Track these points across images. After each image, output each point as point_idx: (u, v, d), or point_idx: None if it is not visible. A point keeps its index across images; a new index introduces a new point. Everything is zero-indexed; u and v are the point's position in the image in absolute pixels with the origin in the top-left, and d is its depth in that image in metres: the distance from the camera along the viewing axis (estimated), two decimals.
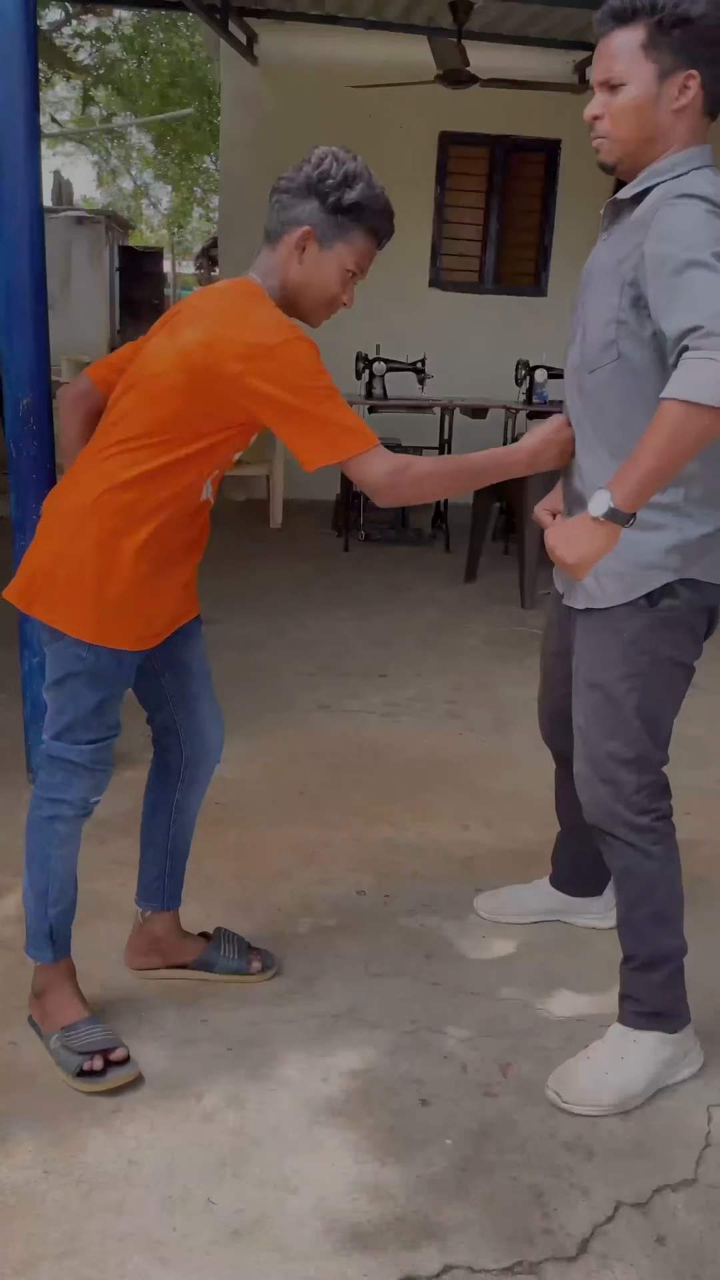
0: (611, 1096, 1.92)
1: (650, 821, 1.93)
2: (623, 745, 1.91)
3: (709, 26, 1.69)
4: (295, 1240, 1.63)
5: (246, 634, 4.50)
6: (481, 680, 4.18)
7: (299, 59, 6.90)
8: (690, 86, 1.71)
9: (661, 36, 1.69)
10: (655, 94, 1.72)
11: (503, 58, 6.60)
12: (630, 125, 1.75)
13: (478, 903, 2.54)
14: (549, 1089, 1.95)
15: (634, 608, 1.85)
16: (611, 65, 1.74)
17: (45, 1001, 2.02)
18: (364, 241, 1.83)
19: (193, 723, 2.12)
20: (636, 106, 1.73)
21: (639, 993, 1.99)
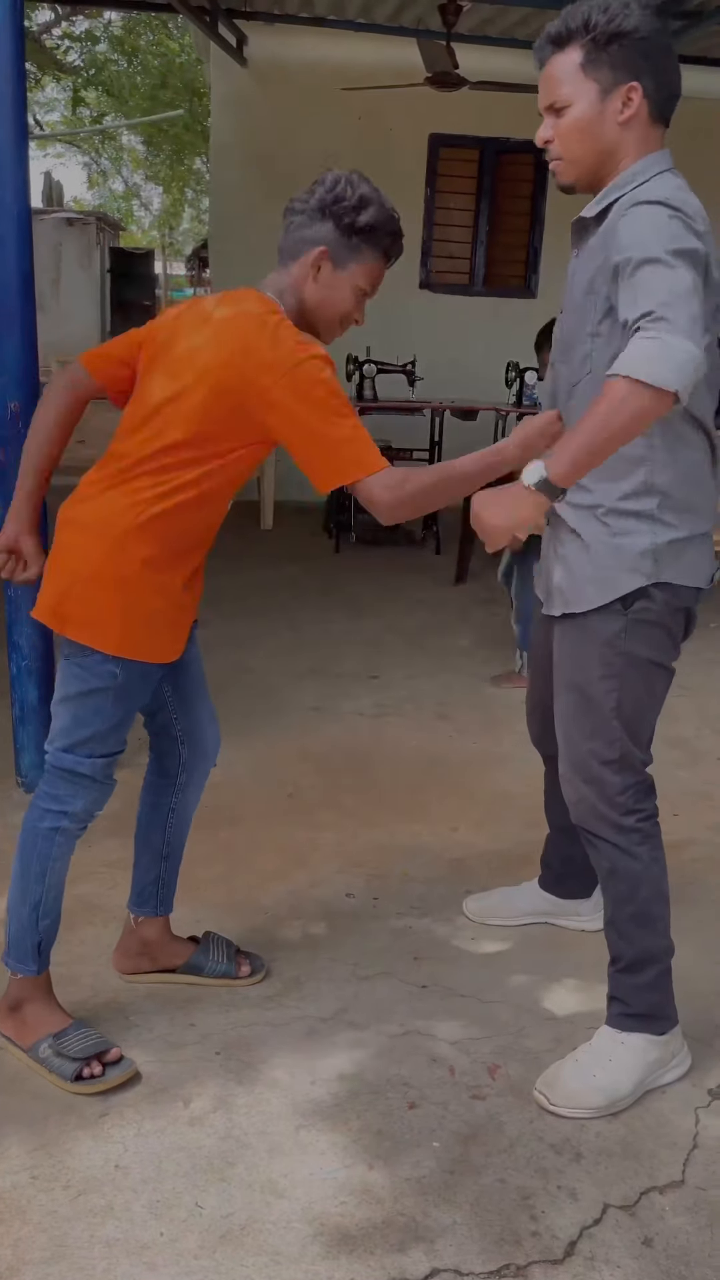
0: (599, 1099, 1.92)
1: (635, 822, 1.94)
2: (604, 746, 1.92)
3: (644, 38, 1.72)
4: (283, 1244, 1.63)
5: (238, 635, 4.50)
6: (472, 682, 4.18)
7: (289, 61, 6.90)
8: (633, 99, 1.75)
9: (599, 53, 1.73)
10: (600, 110, 1.76)
11: (492, 60, 6.61)
12: (580, 143, 1.78)
13: (466, 905, 2.54)
14: (537, 1091, 1.95)
15: (609, 611, 1.86)
16: (555, 89, 1.78)
17: (24, 1013, 2.00)
18: (376, 261, 1.89)
19: (191, 724, 2.12)
20: (583, 125, 1.77)
21: (626, 994, 2.00)
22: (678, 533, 1.83)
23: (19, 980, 2.00)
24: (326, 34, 6.70)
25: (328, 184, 1.86)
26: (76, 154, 24.45)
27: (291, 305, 1.87)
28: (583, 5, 1.74)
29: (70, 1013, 2.03)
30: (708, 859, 2.86)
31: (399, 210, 1.92)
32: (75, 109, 18.70)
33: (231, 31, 6.64)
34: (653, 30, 1.73)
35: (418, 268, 7.38)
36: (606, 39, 1.72)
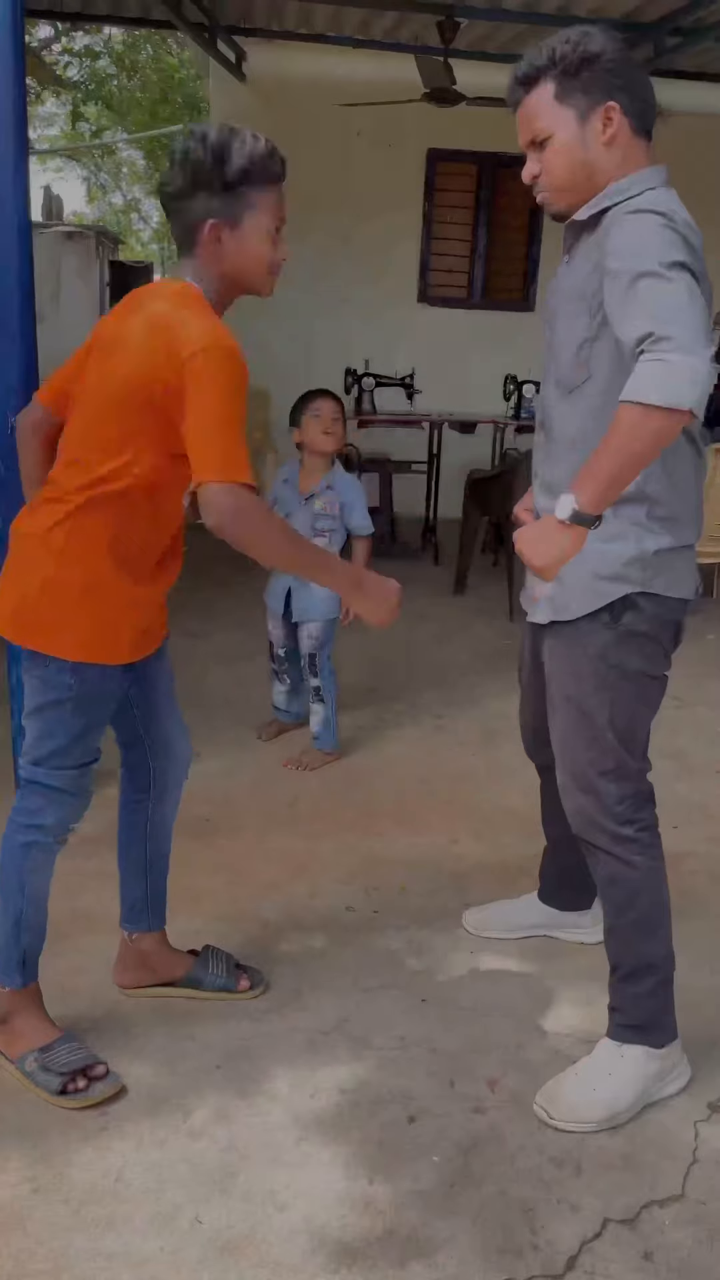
0: (599, 1113, 1.92)
1: (633, 832, 1.95)
2: (600, 756, 1.94)
3: (612, 59, 1.76)
4: (284, 1256, 1.62)
5: (234, 647, 4.50)
6: (470, 694, 4.18)
7: (287, 77, 6.94)
8: (613, 117, 1.77)
9: (571, 82, 1.76)
10: (581, 134, 1.78)
11: (489, 76, 6.62)
12: (568, 169, 1.80)
13: (465, 918, 2.54)
14: (537, 1105, 1.95)
15: (599, 623, 1.88)
16: (533, 123, 1.81)
17: (12, 1025, 2.00)
18: (268, 195, 1.80)
19: (159, 737, 2.11)
20: (568, 150, 1.79)
21: (625, 1004, 2.00)
22: (665, 542, 1.84)
23: (5, 993, 2.00)
24: (325, 50, 6.75)
25: (179, 156, 1.78)
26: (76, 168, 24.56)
27: (212, 284, 1.82)
28: (544, 43, 1.78)
29: (63, 1026, 2.03)
30: (705, 871, 2.87)
31: (398, 225, 1.92)
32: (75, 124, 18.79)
33: (231, 48, 6.68)
34: (617, 50, 1.77)
35: (416, 281, 7.41)
36: (576, 67, 1.75)
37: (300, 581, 3.44)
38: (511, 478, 5.16)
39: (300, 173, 7.63)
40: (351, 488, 3.44)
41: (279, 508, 3.48)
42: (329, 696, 3.48)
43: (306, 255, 7.08)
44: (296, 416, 3.44)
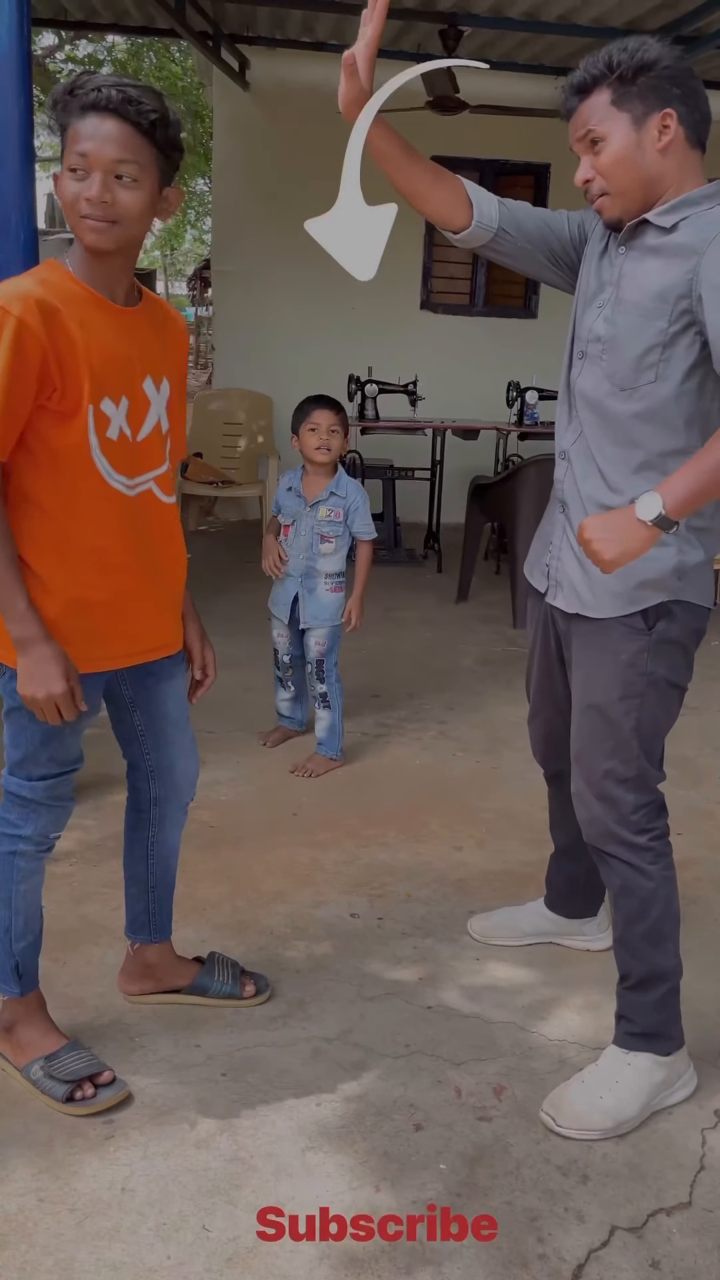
0: (606, 1121, 1.92)
1: (648, 841, 1.95)
2: (621, 765, 1.93)
3: (669, 66, 1.74)
4: (290, 1266, 1.62)
5: (239, 654, 4.50)
6: (474, 700, 4.18)
7: (290, 84, 6.96)
8: (669, 124, 1.75)
9: (627, 88, 1.74)
10: (636, 140, 1.76)
11: (492, 83, 6.67)
12: (623, 175, 1.78)
13: (471, 925, 2.54)
14: (543, 1113, 1.95)
15: (632, 629, 1.87)
16: (588, 125, 1.78)
17: (17, 1034, 2.00)
18: (74, 128, 1.65)
19: (161, 758, 2.07)
20: (623, 155, 1.77)
21: (633, 1013, 2.00)
22: (700, 554, 1.86)
23: (6, 1002, 2.00)
24: (328, 58, 6.76)
25: None
26: None
27: (77, 249, 1.74)
28: (600, 52, 1.76)
29: (70, 1034, 2.03)
30: (711, 879, 2.86)
31: (400, 233, 1.89)
32: None
33: (234, 56, 6.71)
34: (675, 59, 1.75)
35: (419, 288, 7.43)
36: (633, 73, 1.73)
37: (307, 588, 3.44)
38: (514, 484, 5.16)
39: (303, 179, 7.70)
40: (356, 493, 3.44)
41: (283, 515, 3.48)
42: (335, 703, 3.49)
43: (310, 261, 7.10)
44: (295, 425, 3.44)
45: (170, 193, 1.75)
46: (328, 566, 3.43)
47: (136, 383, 1.80)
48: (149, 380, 1.83)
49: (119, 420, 1.78)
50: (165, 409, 1.89)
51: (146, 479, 1.86)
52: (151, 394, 1.84)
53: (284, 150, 6.91)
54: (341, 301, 7.18)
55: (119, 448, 1.79)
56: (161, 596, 1.94)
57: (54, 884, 2.64)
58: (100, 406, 1.74)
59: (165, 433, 1.90)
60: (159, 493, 1.89)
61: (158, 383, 1.86)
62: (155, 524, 1.89)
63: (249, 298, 7.29)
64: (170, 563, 1.95)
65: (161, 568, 1.93)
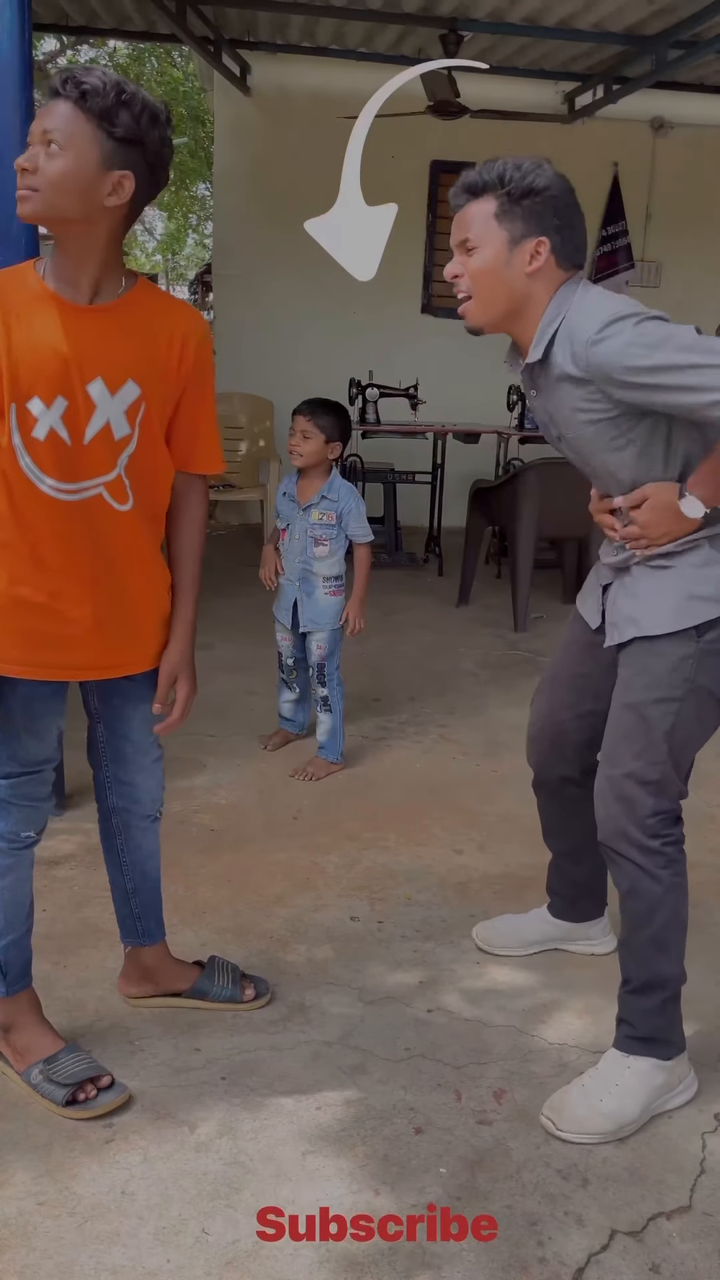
0: (606, 1124, 1.92)
1: (660, 845, 1.95)
2: (647, 766, 1.94)
3: (554, 196, 1.83)
4: (290, 1270, 1.62)
5: (240, 658, 4.51)
6: (474, 704, 4.19)
7: (291, 89, 6.98)
8: (541, 252, 1.84)
9: (512, 206, 1.83)
10: (507, 258, 1.85)
11: (492, 88, 6.68)
12: (489, 287, 1.88)
13: (476, 933, 2.53)
14: (544, 1116, 1.95)
15: (682, 636, 1.90)
16: (467, 229, 1.88)
17: (14, 1037, 2.00)
18: None
19: (121, 773, 2.05)
20: (491, 269, 1.86)
21: (634, 1017, 2.00)
22: None
23: (1, 1001, 2.00)
24: (329, 63, 6.78)
25: None
26: None
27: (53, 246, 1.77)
28: (499, 161, 1.85)
29: (70, 1038, 2.03)
30: (712, 882, 2.86)
31: (401, 237, 1.92)
32: None
33: (235, 61, 6.72)
34: (562, 189, 1.84)
35: (420, 292, 7.44)
36: (521, 193, 1.82)
37: (305, 592, 3.44)
38: (515, 488, 5.17)
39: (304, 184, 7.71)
40: (349, 496, 3.43)
41: (280, 520, 3.49)
42: (336, 706, 3.49)
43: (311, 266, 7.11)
44: None
45: (120, 176, 1.66)
46: (324, 570, 3.44)
47: (78, 384, 1.71)
48: (99, 382, 1.73)
49: (50, 421, 1.71)
50: (126, 413, 1.76)
51: (92, 485, 1.77)
52: (101, 397, 1.73)
53: (285, 155, 6.92)
54: (342, 305, 7.20)
55: (48, 449, 1.72)
56: (109, 609, 1.85)
57: (54, 887, 2.65)
58: (27, 406, 1.69)
59: (120, 438, 1.77)
60: (110, 500, 1.79)
61: (114, 385, 1.74)
62: (104, 532, 1.80)
63: (250, 302, 7.30)
64: (126, 575, 1.86)
65: (110, 579, 1.84)
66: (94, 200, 1.66)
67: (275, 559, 3.48)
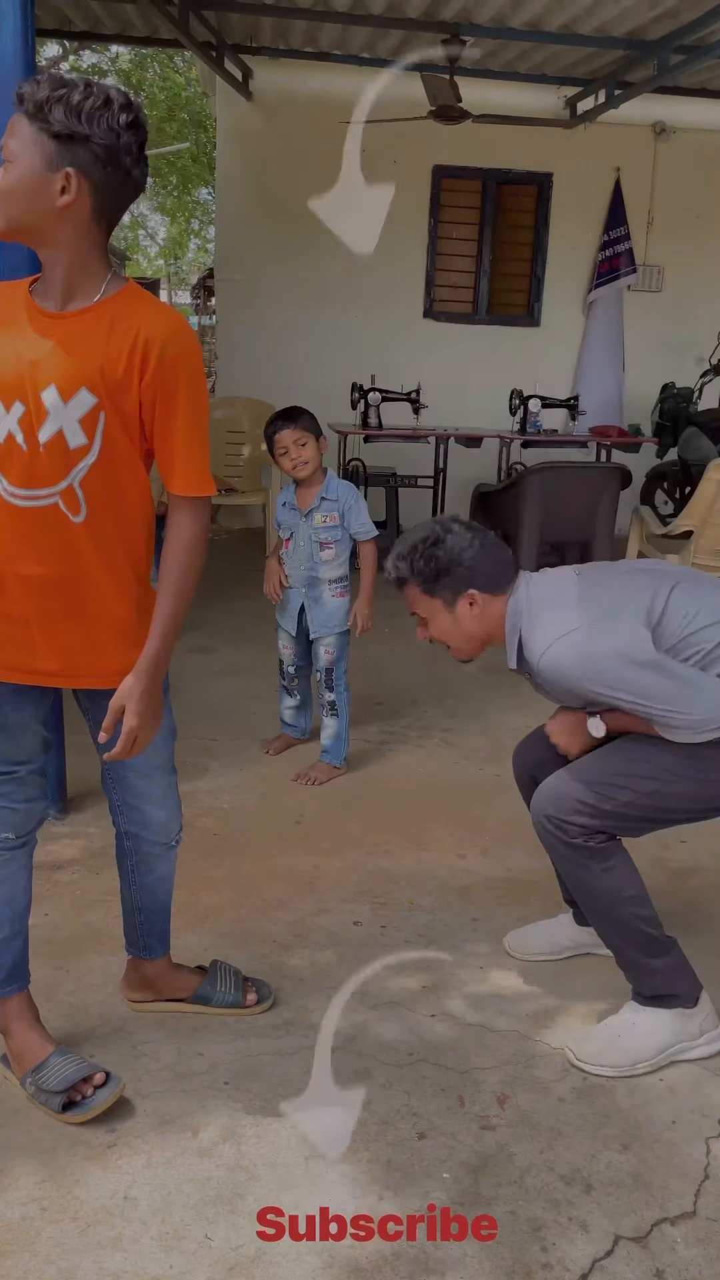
0: (621, 1059, 2.07)
1: (583, 842, 2.04)
2: (603, 796, 2.01)
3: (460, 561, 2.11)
4: (293, 1276, 1.61)
5: (242, 662, 4.51)
6: (476, 708, 4.18)
7: (293, 94, 6.99)
8: (475, 601, 2.14)
9: (431, 585, 2.13)
10: (453, 617, 2.16)
11: (494, 93, 6.70)
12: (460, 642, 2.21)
13: (507, 941, 2.50)
14: (566, 1049, 2.12)
15: None
16: (414, 608, 2.20)
17: (10, 1043, 2.00)
18: None
19: (128, 798, 2.03)
20: (450, 632, 2.20)
21: (635, 982, 2.14)
22: None
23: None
24: (331, 68, 6.80)
25: None
26: None
27: None
28: (403, 555, 2.14)
29: (72, 1043, 2.03)
30: (714, 886, 2.86)
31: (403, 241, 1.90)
32: None
33: (237, 66, 6.73)
34: (467, 547, 2.10)
35: (422, 296, 7.44)
36: (433, 575, 2.10)
37: (312, 598, 3.44)
38: (517, 492, 5.17)
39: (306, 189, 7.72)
40: (348, 493, 3.43)
41: (282, 529, 3.49)
42: (342, 711, 3.49)
43: (313, 270, 7.12)
44: (269, 450, 3.42)
45: (66, 173, 1.61)
46: (330, 573, 3.44)
47: (31, 390, 1.68)
48: (51, 389, 1.68)
49: (8, 425, 1.69)
50: (81, 421, 1.70)
51: (47, 493, 1.73)
52: (53, 404, 1.68)
53: (287, 160, 6.93)
54: (345, 309, 7.21)
55: (5, 453, 1.71)
56: (63, 618, 1.81)
57: (57, 891, 2.64)
58: None
59: (75, 448, 1.71)
60: (65, 509, 1.74)
61: (66, 393, 1.68)
62: (62, 542, 1.76)
63: (252, 306, 7.31)
64: (82, 586, 1.80)
65: (66, 588, 1.79)
66: (45, 204, 1.63)
67: (279, 571, 3.47)
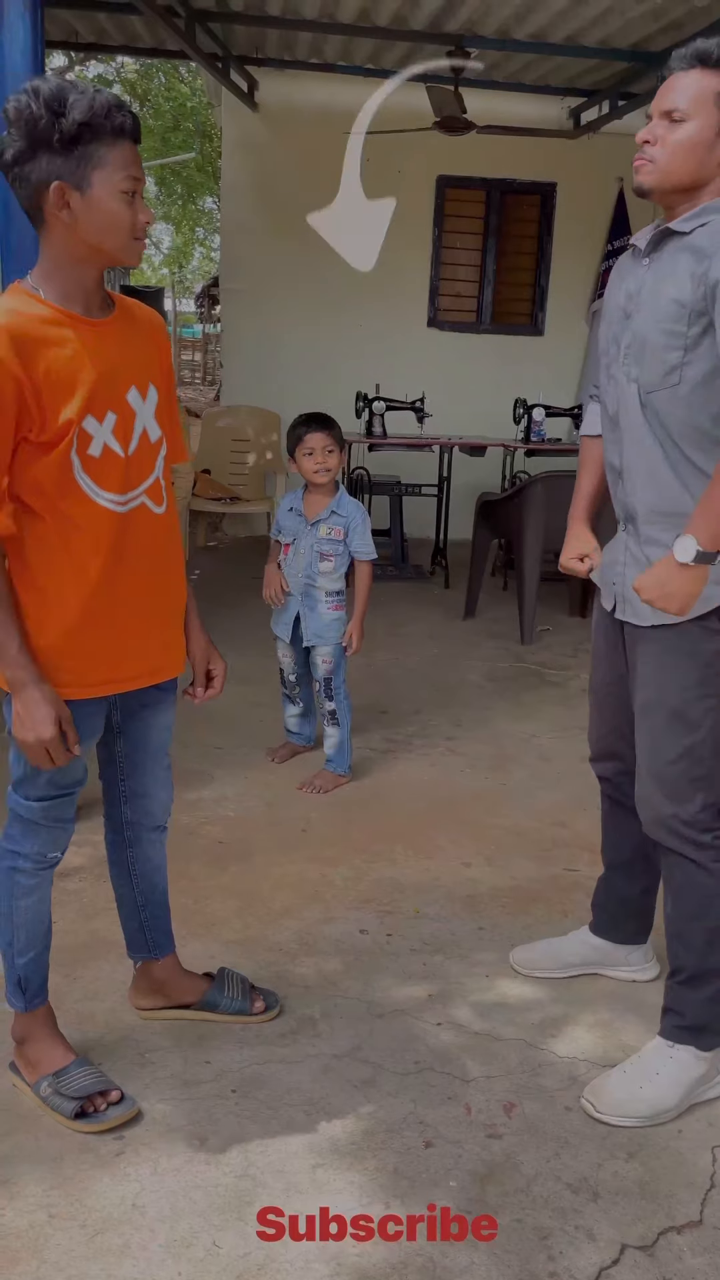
0: (644, 1109, 1.97)
1: (712, 840, 1.96)
2: (693, 764, 1.94)
3: None
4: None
5: (247, 670, 4.51)
6: (481, 716, 4.19)
7: (299, 105, 7.02)
8: None
9: None
10: (711, 141, 1.80)
11: (498, 104, 6.73)
12: (680, 160, 1.81)
13: (513, 956, 2.49)
14: (584, 1099, 2.00)
15: (705, 629, 1.88)
16: (678, 98, 1.81)
17: (27, 1049, 2.01)
18: (118, 151, 1.62)
19: (137, 785, 2.06)
20: (692, 145, 1.80)
21: (682, 1006, 2.03)
22: None
23: (16, 1016, 2.01)
24: (336, 79, 6.83)
25: (11, 116, 1.58)
26: None
27: (64, 256, 1.68)
28: None
29: (80, 1051, 2.03)
30: None
31: (407, 251, 1.92)
32: None
33: (243, 77, 6.77)
34: None
35: (426, 306, 7.47)
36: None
37: (308, 606, 3.45)
38: (521, 500, 5.18)
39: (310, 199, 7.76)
40: (357, 512, 3.45)
41: (283, 535, 3.50)
42: (344, 720, 3.49)
43: (317, 280, 7.15)
44: (290, 447, 3.44)
45: (50, 190, 1.61)
46: (327, 584, 3.44)
47: (121, 395, 1.75)
48: (133, 390, 1.77)
49: (103, 437, 1.73)
50: (154, 416, 1.82)
51: (139, 493, 1.80)
52: (137, 404, 1.77)
53: (292, 170, 6.96)
54: (349, 318, 7.23)
55: (104, 464, 1.74)
56: (157, 614, 1.90)
57: (64, 900, 2.65)
58: (83, 425, 1.70)
59: (155, 441, 1.83)
60: (151, 505, 1.83)
61: (143, 391, 1.79)
62: (147, 539, 1.83)
63: (257, 315, 7.33)
64: (166, 578, 1.90)
65: (156, 584, 1.87)
66: (58, 221, 1.64)
67: (279, 577, 3.48)
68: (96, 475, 1.74)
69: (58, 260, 1.69)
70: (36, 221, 1.67)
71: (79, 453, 1.71)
